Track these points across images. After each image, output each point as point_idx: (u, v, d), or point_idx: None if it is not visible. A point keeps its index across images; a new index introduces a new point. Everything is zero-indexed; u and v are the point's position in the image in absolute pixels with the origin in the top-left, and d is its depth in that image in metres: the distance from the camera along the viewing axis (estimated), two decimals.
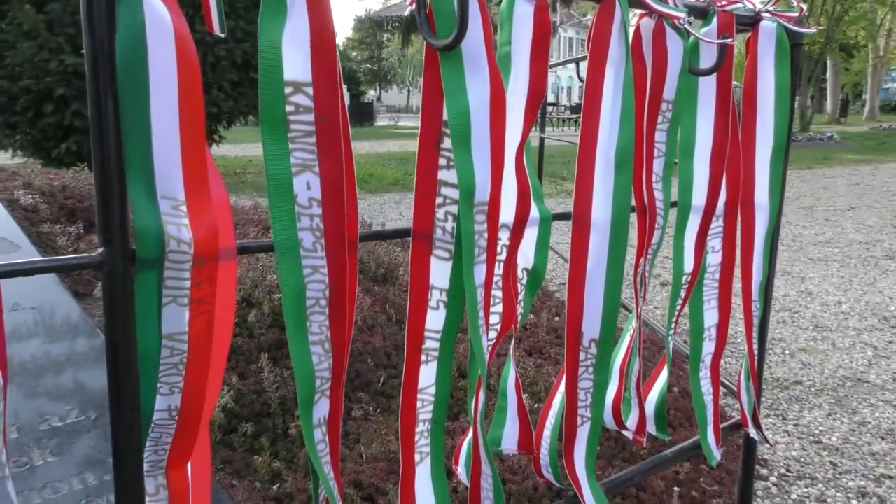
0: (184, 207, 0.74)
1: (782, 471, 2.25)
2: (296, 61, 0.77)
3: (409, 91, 41.17)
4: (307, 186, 0.82)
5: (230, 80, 7.92)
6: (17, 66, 7.27)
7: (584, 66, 1.11)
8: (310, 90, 0.79)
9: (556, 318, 2.99)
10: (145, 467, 0.83)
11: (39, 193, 2.43)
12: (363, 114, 24.45)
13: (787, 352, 3.35)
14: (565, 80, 48.33)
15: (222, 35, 0.79)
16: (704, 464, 2.11)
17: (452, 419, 1.91)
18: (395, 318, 2.36)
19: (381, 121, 27.09)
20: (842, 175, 11.00)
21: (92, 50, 0.65)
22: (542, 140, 3.10)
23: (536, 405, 2.08)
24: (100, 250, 0.69)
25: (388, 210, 7.45)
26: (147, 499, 0.84)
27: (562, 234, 4.78)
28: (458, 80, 0.87)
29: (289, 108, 0.78)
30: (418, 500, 1.01)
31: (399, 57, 36.67)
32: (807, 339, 3.52)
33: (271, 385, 1.79)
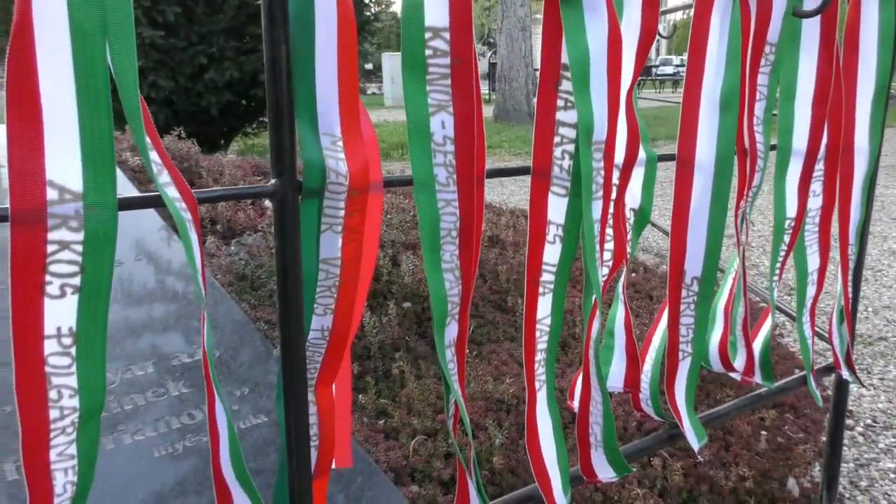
0: (340, 143, 0.82)
1: (868, 421, 2.25)
2: (435, 8, 0.84)
3: None
4: (442, 125, 0.89)
5: None
6: None
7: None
8: (447, 35, 0.85)
9: (633, 275, 3.02)
10: None
11: None
12: None
13: (870, 309, 3.29)
14: None
15: None
16: (789, 412, 2.14)
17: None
18: (479, 272, 2.44)
19: None
20: None
21: (268, 0, 0.73)
22: None
23: None
24: (273, 181, 0.78)
25: None
26: None
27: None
28: (577, 24, 0.93)
29: (427, 52, 0.85)
30: (539, 423, 1.09)
31: None
32: (890, 297, 3.45)
33: (371, 330, 1.90)
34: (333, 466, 1.00)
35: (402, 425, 1.60)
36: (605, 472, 1.15)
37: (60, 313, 0.69)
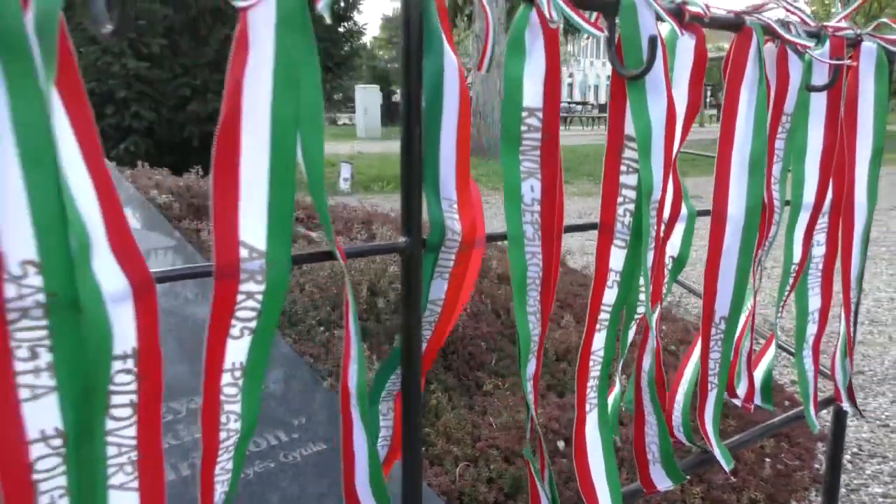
0: (455, 206, 0.96)
1: (854, 450, 2.43)
2: (532, 91, 0.99)
3: None
4: (531, 189, 1.03)
5: None
6: (82, 70, 7.61)
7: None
8: (540, 114, 1.00)
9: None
10: (383, 394, 1.07)
11: (170, 193, 2.69)
12: (396, 113, 24.69)
13: None
14: (593, 79, 48.13)
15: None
16: (785, 442, 2.30)
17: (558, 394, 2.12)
18: (492, 307, 2.58)
19: None
20: (884, 175, 10.99)
21: (407, 89, 0.88)
22: None
23: None
24: (403, 239, 0.92)
25: None
26: (381, 417, 1.08)
27: None
28: (642, 103, 1.09)
29: (523, 128, 1.00)
30: (588, 441, 1.23)
31: None
32: (863, 333, 3.67)
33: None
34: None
35: (443, 452, 1.71)
36: (662, 483, 1.30)
37: (236, 351, 0.81)
